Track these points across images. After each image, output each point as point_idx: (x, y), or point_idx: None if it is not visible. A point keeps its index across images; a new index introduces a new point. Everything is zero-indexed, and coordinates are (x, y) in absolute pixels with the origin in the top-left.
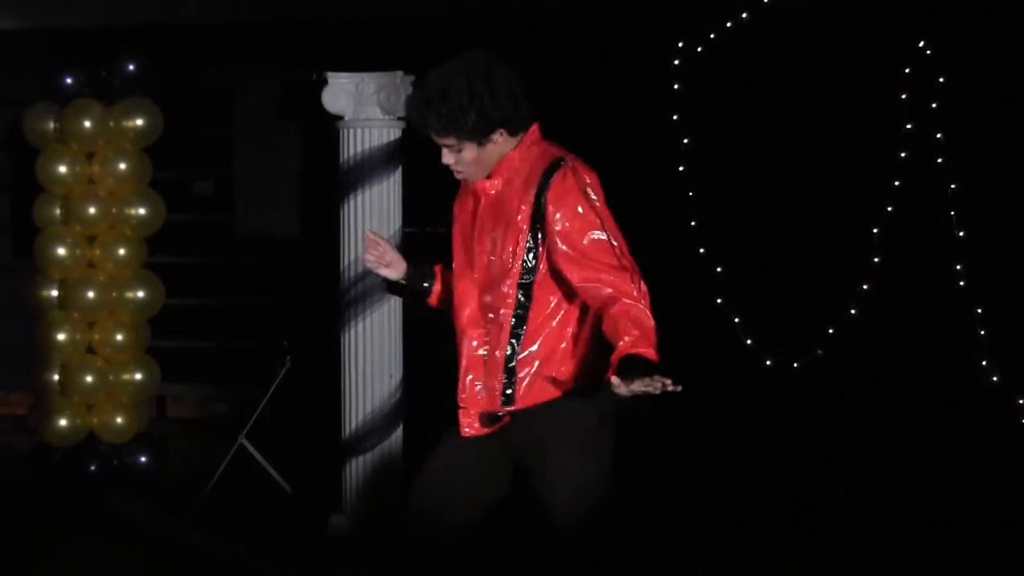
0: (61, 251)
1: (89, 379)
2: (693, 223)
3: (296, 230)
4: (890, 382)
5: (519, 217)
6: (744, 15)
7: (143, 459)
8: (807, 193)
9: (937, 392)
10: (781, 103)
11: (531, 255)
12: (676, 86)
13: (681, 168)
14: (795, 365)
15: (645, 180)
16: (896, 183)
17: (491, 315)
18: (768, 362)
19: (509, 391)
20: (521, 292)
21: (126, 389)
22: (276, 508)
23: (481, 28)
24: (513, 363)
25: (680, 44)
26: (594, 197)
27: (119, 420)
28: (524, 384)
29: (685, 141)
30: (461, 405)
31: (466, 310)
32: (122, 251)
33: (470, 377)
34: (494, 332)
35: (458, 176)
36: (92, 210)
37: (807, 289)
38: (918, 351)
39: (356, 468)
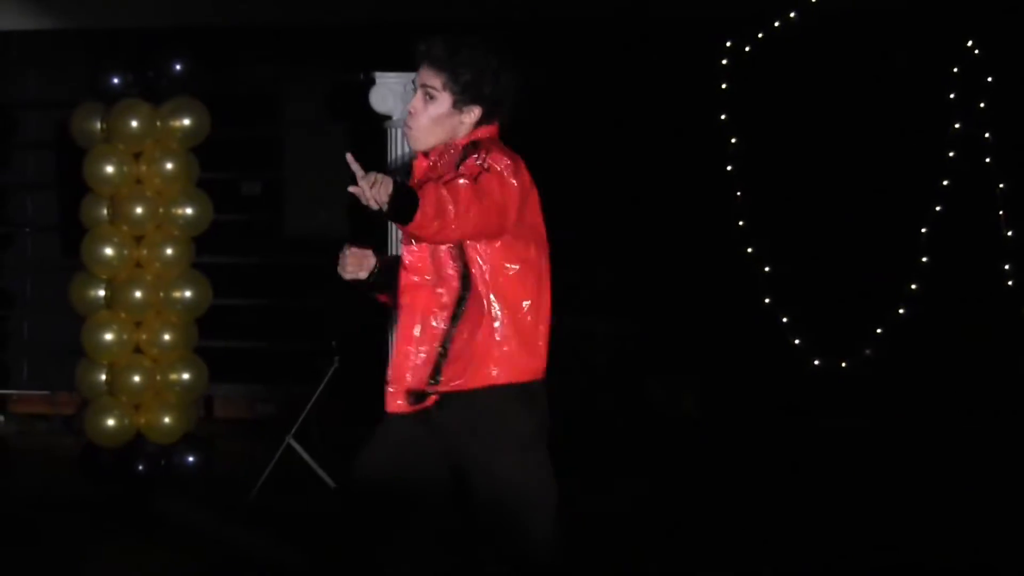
0: (108, 251)
1: (137, 379)
2: (741, 223)
3: (344, 230)
4: (938, 382)
5: None
6: (792, 15)
7: (191, 459)
8: (855, 193)
9: (985, 392)
10: (829, 103)
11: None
12: (724, 86)
13: (729, 168)
14: (843, 365)
15: (693, 180)
16: (944, 183)
17: (430, 294)
18: (816, 362)
19: (438, 370)
20: (459, 274)
21: (174, 389)
22: (324, 508)
23: (530, 29)
24: (446, 343)
25: (728, 44)
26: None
27: (167, 420)
28: (454, 364)
29: (733, 141)
30: (388, 382)
31: (406, 287)
32: (169, 251)
33: (400, 353)
34: (430, 311)
35: (406, 131)
36: (139, 210)
37: (855, 289)
38: (966, 351)
39: None
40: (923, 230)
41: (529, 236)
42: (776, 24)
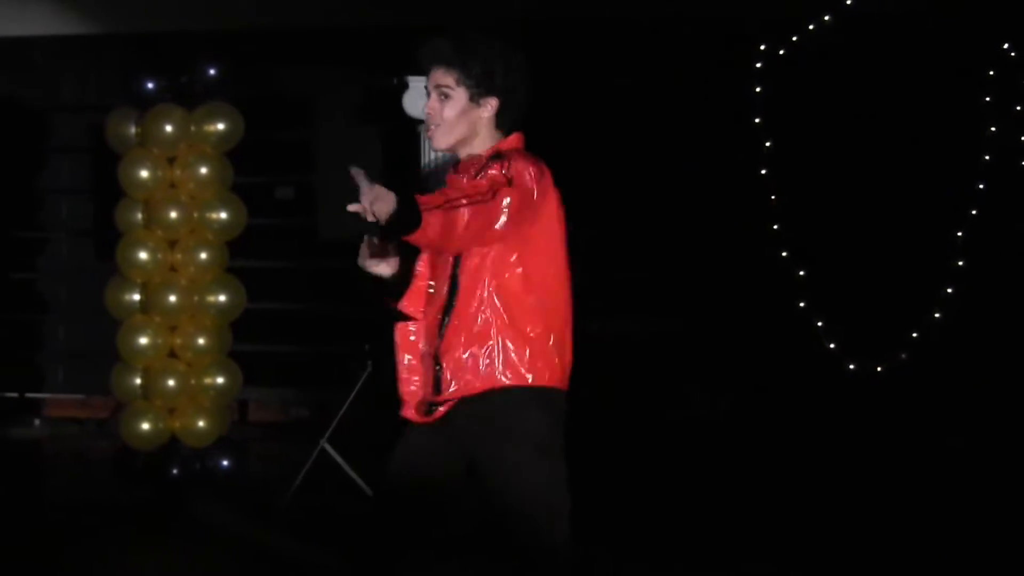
0: (143, 255)
1: (171, 383)
2: (775, 227)
3: (377, 234)
4: (974, 385)
5: None
6: (827, 17)
7: (225, 463)
8: (890, 196)
9: (1021, 397)
10: (863, 106)
11: None
12: (758, 89)
13: (763, 171)
14: (878, 369)
15: (728, 183)
16: (980, 186)
17: (433, 304)
18: (851, 366)
19: (439, 379)
20: (449, 281)
21: (208, 393)
22: (358, 512)
23: (561, 31)
24: (438, 353)
25: (762, 47)
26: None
27: (201, 424)
28: (452, 373)
29: (767, 144)
30: (402, 393)
31: (412, 297)
32: (203, 255)
33: (406, 362)
34: (430, 318)
35: (429, 134)
36: (173, 214)
37: (890, 293)
38: (1002, 354)
39: None
40: (959, 234)
41: (542, 240)
42: (811, 27)
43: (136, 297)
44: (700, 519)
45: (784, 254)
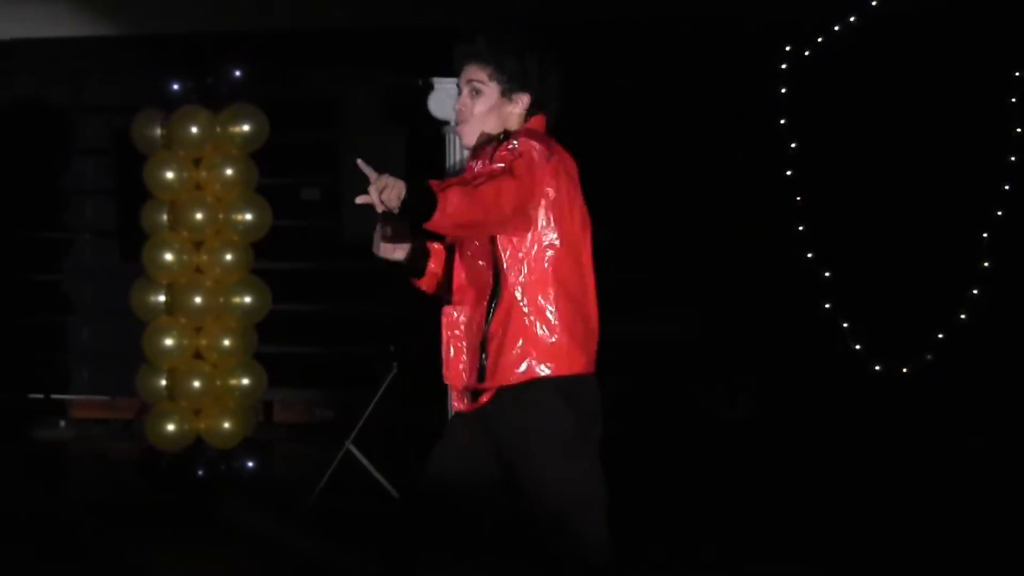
0: (168, 257)
1: (196, 384)
2: (800, 228)
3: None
4: (1000, 387)
5: None
6: (852, 18)
7: (250, 464)
8: (915, 197)
9: None
10: (889, 107)
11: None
12: (783, 90)
13: (788, 173)
14: (904, 371)
15: (753, 184)
16: (1005, 187)
17: (468, 289)
18: (877, 367)
19: (483, 365)
20: (491, 269)
21: (233, 394)
22: (383, 513)
23: (588, 32)
24: (485, 340)
25: (787, 48)
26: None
27: (226, 425)
28: (496, 360)
29: (792, 146)
30: (446, 379)
31: (457, 285)
32: (229, 257)
33: (451, 352)
34: (470, 308)
35: (458, 129)
36: (199, 216)
37: (916, 294)
38: None
39: None
40: (984, 234)
41: (568, 225)
42: (836, 28)
43: (161, 298)
44: (723, 521)
45: (809, 255)
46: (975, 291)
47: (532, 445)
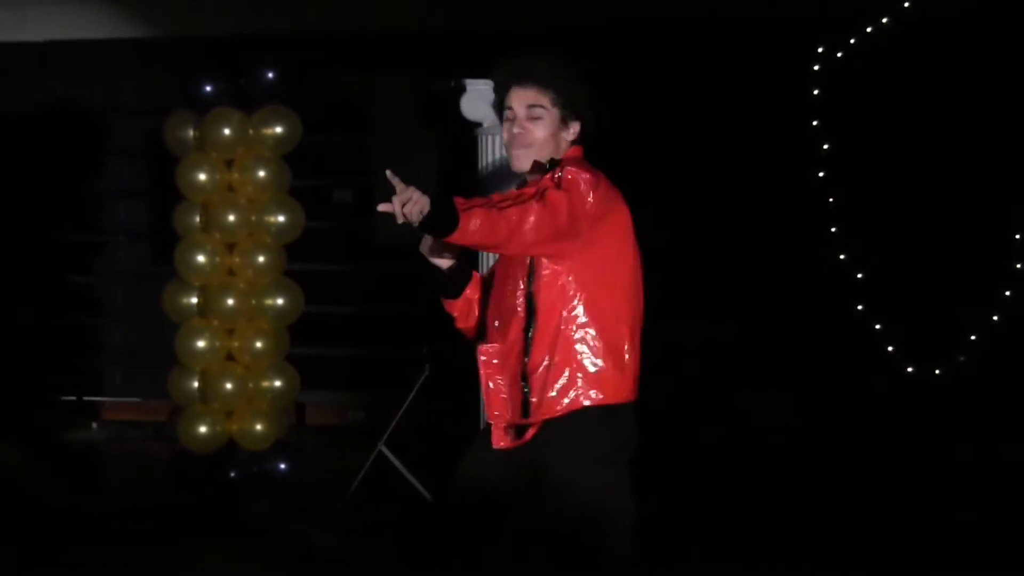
0: (201, 259)
1: (229, 386)
2: (833, 229)
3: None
4: None
5: None
6: (884, 20)
7: (282, 466)
8: (948, 198)
9: None
10: (922, 108)
11: (530, 260)
12: (816, 91)
13: (821, 174)
14: (936, 372)
15: (785, 186)
16: None
17: (503, 320)
18: (909, 369)
19: (526, 401)
20: (525, 300)
21: (265, 396)
22: (415, 515)
23: (620, 32)
24: (526, 374)
25: (820, 49)
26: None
27: (259, 427)
28: (541, 394)
29: (825, 147)
30: (490, 420)
31: (487, 318)
32: (261, 258)
33: (491, 387)
34: (505, 337)
35: (515, 153)
36: (232, 218)
37: (949, 295)
38: None
39: None
40: (1017, 236)
41: (612, 252)
42: (868, 29)
43: (194, 300)
44: (761, 526)
45: (842, 257)
46: (1008, 292)
47: (564, 460)
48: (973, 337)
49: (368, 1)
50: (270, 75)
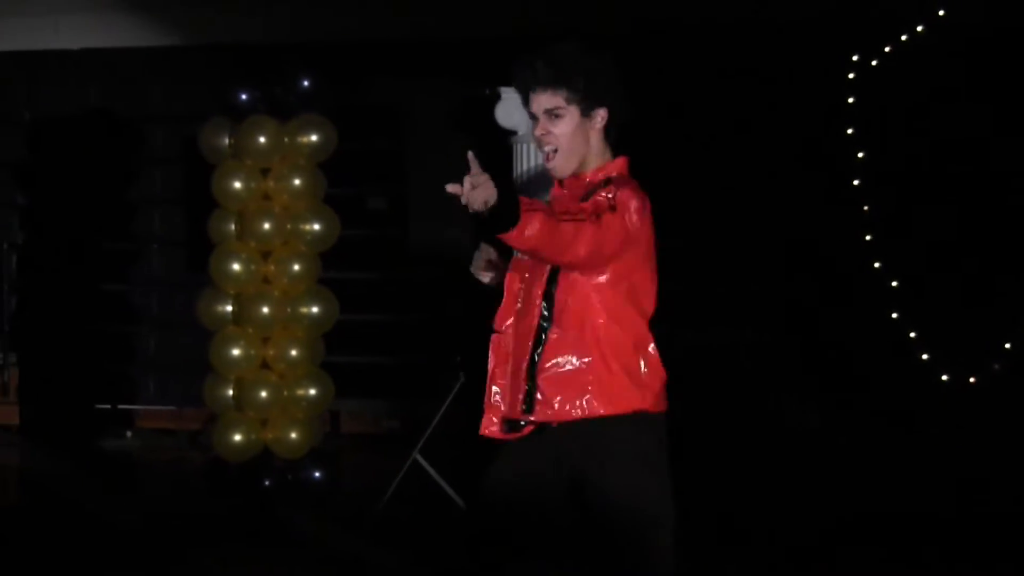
0: (236, 267)
1: (263, 394)
2: (868, 237)
3: (469, 245)
4: None
5: None
6: (919, 28)
7: (317, 474)
8: (983, 206)
9: None
10: (957, 116)
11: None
12: (851, 99)
13: (856, 182)
14: (971, 380)
15: (820, 194)
16: None
17: (522, 314)
18: (944, 377)
19: (529, 399)
20: (544, 302)
21: (300, 404)
22: (450, 523)
23: (656, 40)
24: (533, 372)
25: (855, 58)
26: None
27: (293, 435)
28: (545, 395)
29: (860, 155)
30: (485, 408)
31: (504, 314)
32: (296, 267)
33: (494, 379)
34: (521, 337)
35: (548, 159)
36: (267, 226)
37: (984, 303)
38: None
39: None
40: None
41: (637, 264)
42: (903, 37)
43: (229, 308)
44: (797, 530)
45: (877, 264)
46: None
47: (609, 463)
48: (1008, 345)
49: (403, 10)
50: (305, 83)
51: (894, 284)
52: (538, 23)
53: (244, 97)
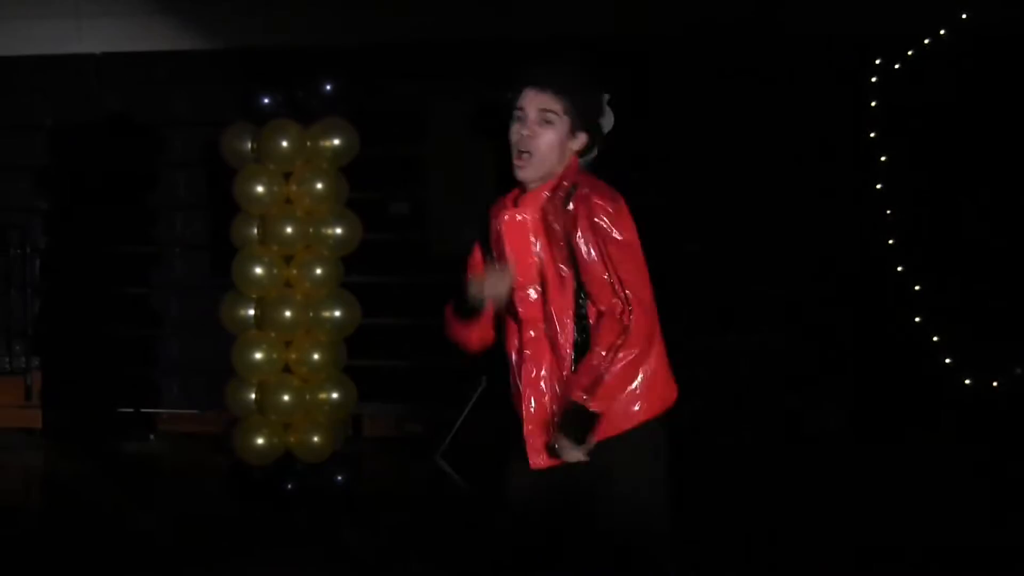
0: (258, 270)
1: (286, 398)
2: (891, 241)
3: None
4: None
5: (563, 241)
6: (942, 31)
7: (339, 478)
8: (1006, 211)
9: None
10: (979, 121)
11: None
12: (873, 104)
13: (879, 186)
14: (994, 384)
15: (842, 198)
16: None
17: (549, 342)
18: (967, 381)
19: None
20: (575, 322)
21: (323, 408)
22: (471, 528)
23: (678, 46)
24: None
25: (877, 62)
26: (599, 220)
27: (316, 439)
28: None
29: (883, 159)
30: (527, 437)
31: (527, 341)
32: (319, 270)
33: (532, 405)
34: (553, 362)
35: (519, 161)
36: (289, 230)
37: (1007, 307)
38: None
39: None
40: None
41: (640, 265)
42: (926, 41)
43: (251, 312)
44: (819, 535)
45: (899, 269)
46: None
47: (614, 473)
48: None
49: (425, 13)
50: (327, 87)
51: (916, 288)
52: (562, 28)
53: (266, 101)
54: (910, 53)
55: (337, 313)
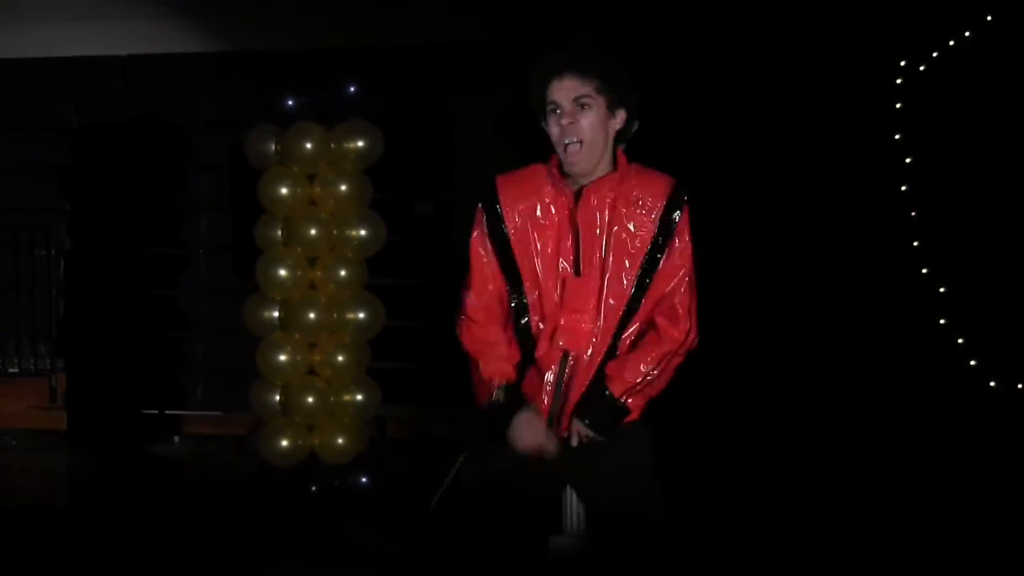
0: (283, 272)
1: (310, 400)
2: (916, 243)
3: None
4: None
5: (637, 242)
6: (967, 33)
7: (364, 479)
8: None
9: None
10: (1005, 121)
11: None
12: (899, 105)
13: (904, 188)
14: (1020, 386)
15: (868, 200)
16: None
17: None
18: (992, 383)
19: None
20: (622, 318)
21: (347, 410)
22: (496, 529)
23: (704, 45)
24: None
25: (902, 63)
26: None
27: (340, 441)
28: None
29: (908, 160)
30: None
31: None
32: (343, 272)
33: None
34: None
35: (569, 155)
36: (313, 231)
37: None
38: None
39: None
40: None
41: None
42: (951, 43)
43: (275, 314)
44: (847, 539)
45: (924, 271)
46: None
47: (617, 466)
48: None
49: (449, 15)
50: (351, 89)
51: (942, 290)
52: (588, 30)
53: (291, 103)
54: (935, 55)
55: (361, 315)
